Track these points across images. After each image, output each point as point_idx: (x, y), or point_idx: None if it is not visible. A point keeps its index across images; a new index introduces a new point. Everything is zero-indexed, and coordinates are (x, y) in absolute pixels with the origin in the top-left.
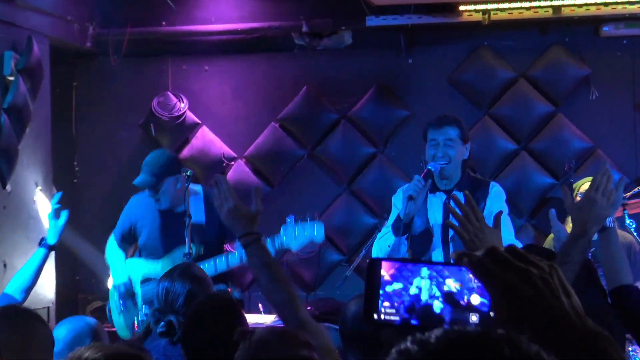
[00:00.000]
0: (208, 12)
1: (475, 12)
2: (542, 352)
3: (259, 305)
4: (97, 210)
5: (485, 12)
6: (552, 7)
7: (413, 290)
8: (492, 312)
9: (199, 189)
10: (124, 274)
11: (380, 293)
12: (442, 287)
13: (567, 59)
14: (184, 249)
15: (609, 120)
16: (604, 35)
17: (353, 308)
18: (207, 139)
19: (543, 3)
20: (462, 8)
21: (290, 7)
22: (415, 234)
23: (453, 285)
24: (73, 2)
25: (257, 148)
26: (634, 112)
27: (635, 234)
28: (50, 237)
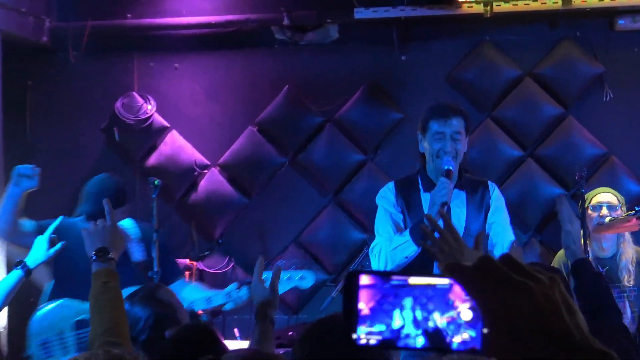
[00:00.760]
0: (178, 3)
1: (476, 3)
2: None
3: (235, 330)
4: None
5: (487, 3)
6: None
7: (396, 325)
8: (485, 329)
9: (130, 225)
10: (50, 326)
11: (360, 311)
12: (427, 323)
13: (578, 56)
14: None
15: (625, 124)
16: (620, 29)
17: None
18: (177, 145)
19: None
20: None
21: None
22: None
23: (439, 321)
24: None
25: (232, 155)
26: None
27: None
28: (32, 261)
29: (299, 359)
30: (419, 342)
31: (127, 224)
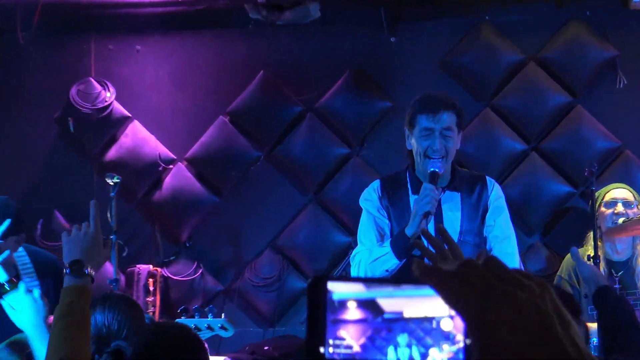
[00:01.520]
0: None
1: None
2: None
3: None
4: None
5: None
6: None
7: None
8: (467, 339)
9: (23, 254)
10: None
11: (329, 320)
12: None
13: (588, 38)
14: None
15: None
16: (634, 8)
17: None
18: (139, 137)
19: None
20: None
21: None
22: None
23: (438, 358)
24: None
25: (201, 148)
26: None
27: None
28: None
29: None
30: None
31: (20, 255)
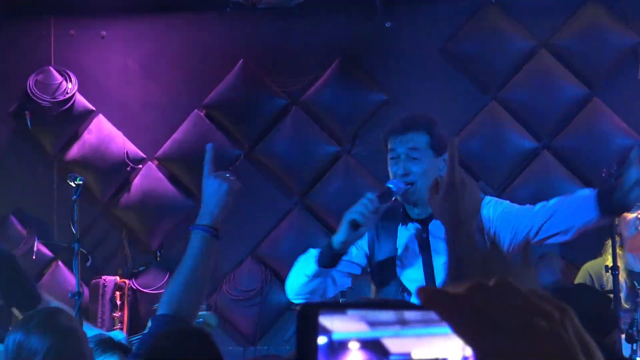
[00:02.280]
0: None
1: None
2: None
3: None
4: None
5: None
6: None
7: None
8: None
9: None
10: None
11: (319, 345)
12: None
13: (606, 23)
14: None
15: None
16: None
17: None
18: (104, 133)
19: None
20: None
21: None
22: (378, 262)
23: None
24: None
25: (174, 146)
26: None
27: None
28: None
29: None
30: None
31: None
